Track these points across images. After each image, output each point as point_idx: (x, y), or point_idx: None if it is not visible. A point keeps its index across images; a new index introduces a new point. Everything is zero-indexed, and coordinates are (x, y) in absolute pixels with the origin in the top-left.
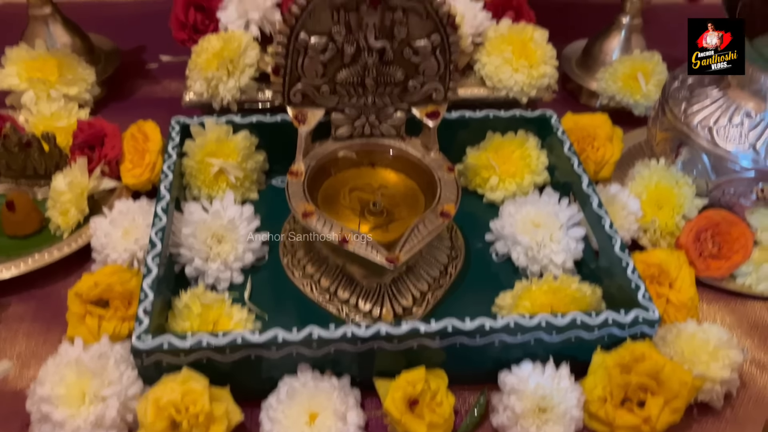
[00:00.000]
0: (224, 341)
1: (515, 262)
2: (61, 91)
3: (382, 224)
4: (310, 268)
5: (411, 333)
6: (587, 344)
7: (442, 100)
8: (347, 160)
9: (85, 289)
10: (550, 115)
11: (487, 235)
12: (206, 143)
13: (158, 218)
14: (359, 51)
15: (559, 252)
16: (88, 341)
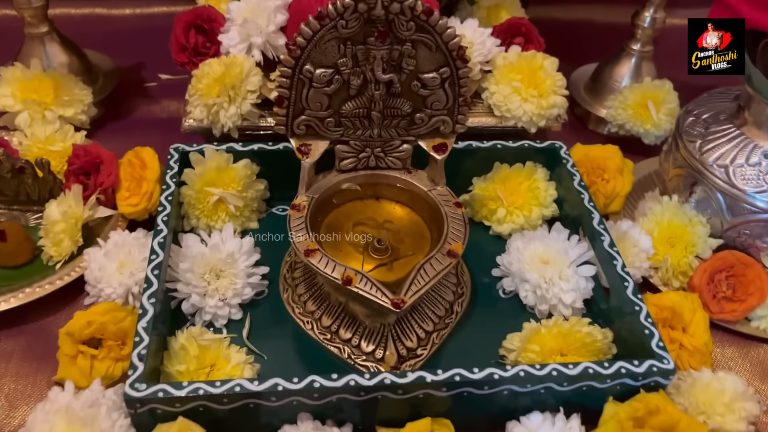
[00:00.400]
0: (222, 390)
1: (523, 300)
2: (57, 113)
3: (386, 262)
4: (311, 305)
5: (417, 383)
6: (598, 393)
7: (450, 133)
8: (351, 192)
9: (76, 328)
10: (560, 147)
11: (494, 270)
12: (206, 172)
13: (155, 254)
14: (366, 83)
15: (569, 291)
16: (79, 383)
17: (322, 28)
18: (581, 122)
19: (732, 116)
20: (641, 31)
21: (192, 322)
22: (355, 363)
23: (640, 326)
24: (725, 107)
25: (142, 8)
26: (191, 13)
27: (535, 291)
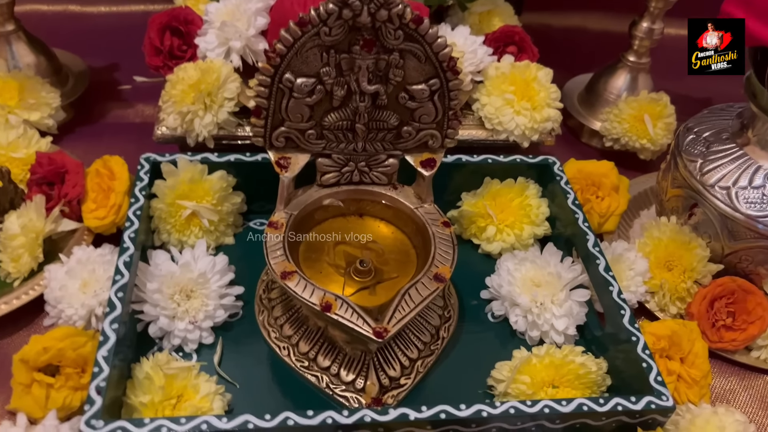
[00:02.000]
0: (187, 427)
1: (513, 325)
2: (21, 117)
3: (369, 285)
4: (287, 329)
5: (399, 420)
6: (592, 430)
7: (439, 148)
8: (333, 209)
9: (32, 354)
10: (553, 162)
11: (482, 292)
12: (178, 184)
13: (120, 274)
14: (350, 94)
15: (561, 317)
16: (34, 414)
17: (303, 35)
18: (574, 135)
19: (734, 135)
20: (638, 42)
21: (160, 346)
22: (334, 393)
23: (637, 358)
24: (727, 125)
25: (118, 6)
26: (167, 14)
27: (525, 316)
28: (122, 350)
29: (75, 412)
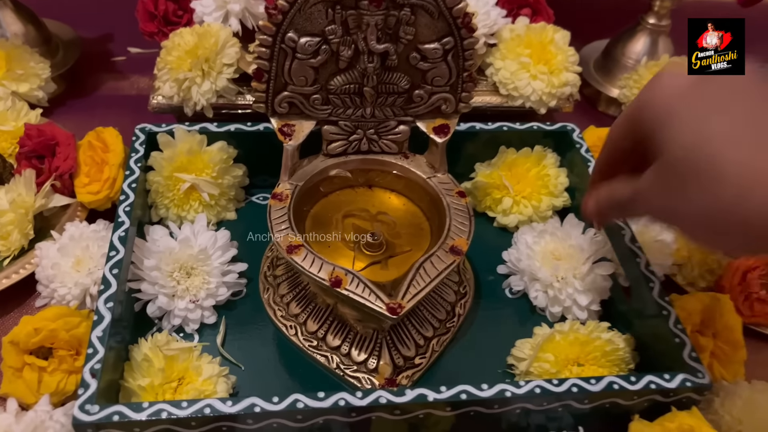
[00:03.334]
0: (189, 412)
1: (533, 301)
2: (9, 88)
3: (380, 259)
4: (294, 308)
5: (417, 402)
6: (622, 410)
7: (453, 113)
8: (341, 180)
9: (22, 336)
10: (572, 129)
11: (499, 267)
12: (176, 156)
13: (114, 250)
14: (358, 55)
15: (585, 292)
16: (26, 400)
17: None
18: (590, 103)
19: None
20: (659, 2)
21: (159, 327)
22: (345, 374)
23: (668, 333)
24: None
25: None
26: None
27: (546, 291)
28: (119, 331)
29: (69, 397)
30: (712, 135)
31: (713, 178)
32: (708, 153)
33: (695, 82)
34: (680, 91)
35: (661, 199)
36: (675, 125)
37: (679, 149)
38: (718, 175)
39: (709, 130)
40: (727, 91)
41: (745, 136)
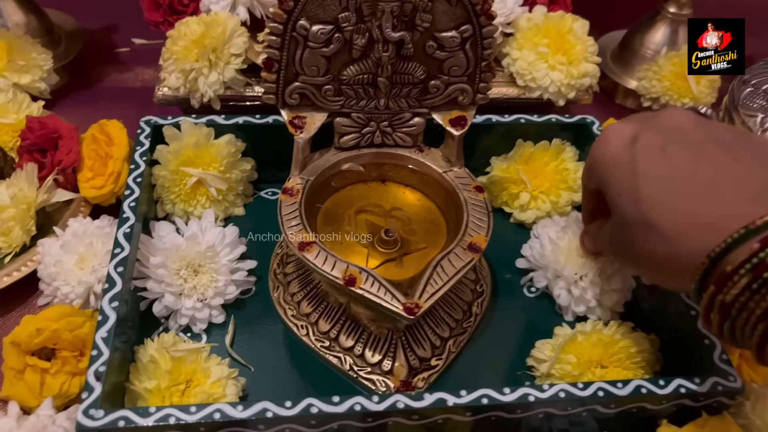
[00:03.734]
0: (198, 417)
1: (556, 299)
2: (11, 80)
3: (395, 257)
4: (305, 307)
5: (436, 407)
6: (649, 414)
7: (470, 104)
8: (353, 174)
9: (24, 337)
10: (591, 122)
11: (518, 261)
12: (182, 149)
13: (119, 247)
14: (372, 43)
15: (610, 292)
16: (28, 403)
17: None
18: (608, 95)
19: None
20: None
21: (165, 326)
22: (359, 376)
23: (695, 334)
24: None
25: None
26: None
27: (570, 289)
28: (124, 331)
29: (73, 400)
30: (641, 198)
31: (648, 235)
32: (641, 215)
33: (626, 145)
34: (617, 152)
35: (616, 250)
36: (614, 188)
37: (622, 213)
38: (651, 233)
39: (639, 193)
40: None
41: (667, 194)
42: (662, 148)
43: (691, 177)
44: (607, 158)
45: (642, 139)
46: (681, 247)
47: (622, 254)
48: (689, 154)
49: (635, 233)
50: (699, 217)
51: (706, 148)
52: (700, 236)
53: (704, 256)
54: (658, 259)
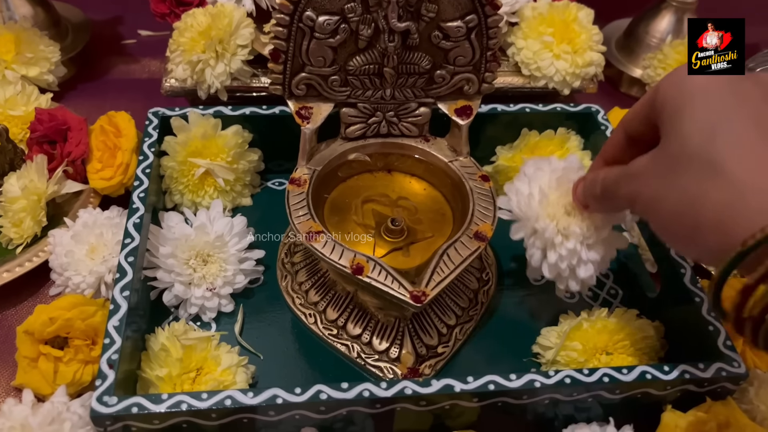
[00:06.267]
0: (209, 403)
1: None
2: (19, 72)
3: (401, 246)
4: (313, 295)
5: (443, 393)
6: (653, 400)
7: (476, 94)
8: (359, 164)
9: (37, 326)
10: (596, 111)
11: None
12: (190, 140)
13: (129, 237)
14: (378, 34)
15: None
16: (41, 391)
17: None
18: (612, 84)
19: None
20: None
21: (175, 315)
22: (366, 363)
23: (701, 321)
24: None
25: None
26: None
27: (545, 251)
28: (135, 320)
29: (86, 388)
30: (720, 132)
31: (708, 177)
32: (709, 151)
33: (720, 81)
34: (703, 85)
35: (650, 183)
36: (687, 117)
37: (685, 140)
38: (714, 175)
39: (719, 133)
40: (751, 100)
41: (755, 141)
42: (760, 99)
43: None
44: (696, 81)
45: (742, 83)
46: (743, 203)
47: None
48: None
49: (691, 169)
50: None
51: None
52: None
53: None
54: (705, 207)
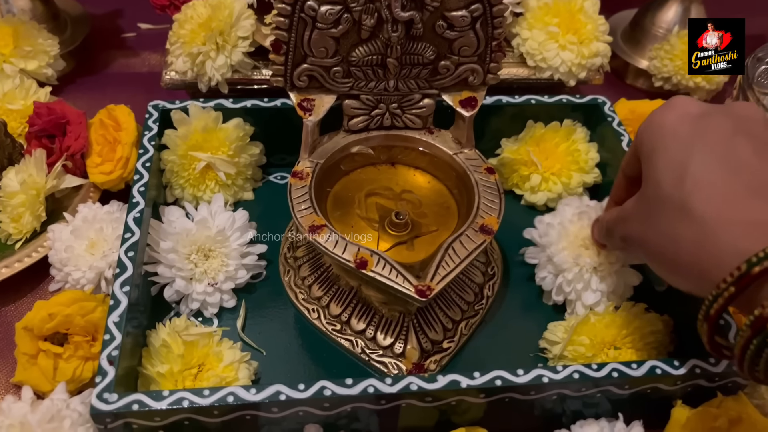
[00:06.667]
0: (211, 400)
1: (540, 281)
2: (17, 66)
3: (405, 239)
4: (316, 290)
5: (449, 389)
6: (663, 395)
7: (481, 85)
8: (362, 157)
9: (36, 322)
10: (603, 102)
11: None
12: (191, 133)
13: (130, 232)
14: (381, 24)
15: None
16: (41, 388)
17: None
18: (618, 76)
19: None
20: None
21: (177, 311)
22: (371, 359)
23: None
24: None
25: None
26: None
27: (555, 276)
28: (135, 316)
29: (86, 385)
30: (687, 175)
31: (680, 218)
32: (680, 194)
33: (689, 120)
34: (673, 127)
35: (635, 226)
36: (660, 159)
37: (658, 183)
38: (684, 216)
39: (687, 169)
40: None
41: (718, 181)
42: (729, 134)
43: (751, 172)
44: (667, 123)
45: (712, 119)
46: (714, 242)
47: (640, 232)
48: (755, 148)
49: (665, 212)
50: (746, 215)
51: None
52: (741, 235)
53: (741, 260)
54: (681, 248)
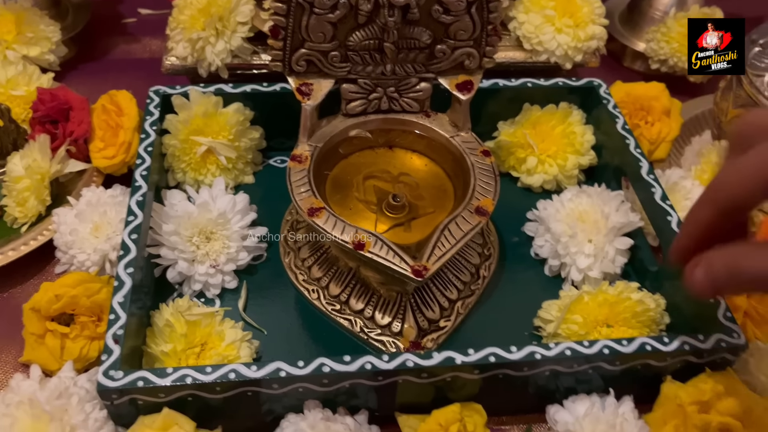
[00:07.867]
0: (214, 377)
1: (535, 248)
2: (20, 52)
3: (403, 221)
4: (316, 271)
5: (445, 365)
6: (653, 371)
7: (477, 69)
8: (360, 140)
9: (43, 303)
10: (598, 85)
11: (529, 213)
12: (191, 118)
13: (133, 215)
14: (378, 8)
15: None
16: (49, 366)
17: None
18: (615, 58)
19: None
20: None
21: (179, 292)
22: (369, 337)
23: None
24: None
25: None
26: None
27: (553, 243)
28: (139, 297)
29: (92, 363)
30: None
31: None
32: None
33: None
34: None
35: None
36: None
37: None
38: None
39: None
40: None
41: None
42: None
43: None
44: None
45: None
46: None
47: None
48: None
49: None
50: None
51: None
52: None
53: None
54: None
